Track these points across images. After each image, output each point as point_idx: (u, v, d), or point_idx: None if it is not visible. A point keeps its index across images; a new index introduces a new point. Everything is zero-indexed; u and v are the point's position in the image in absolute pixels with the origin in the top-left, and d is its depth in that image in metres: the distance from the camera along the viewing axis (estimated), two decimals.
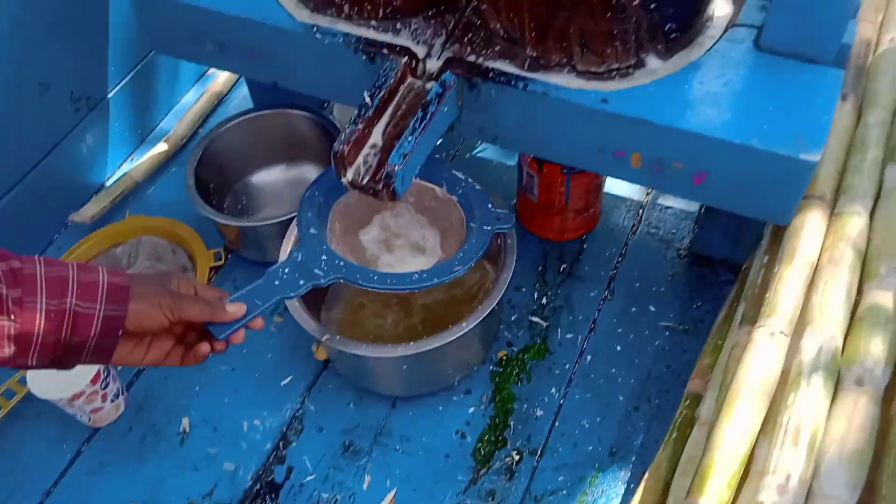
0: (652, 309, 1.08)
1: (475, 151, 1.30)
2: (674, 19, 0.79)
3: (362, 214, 1.01)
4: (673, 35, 0.81)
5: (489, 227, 0.91)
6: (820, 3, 0.74)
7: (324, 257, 0.88)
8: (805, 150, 0.73)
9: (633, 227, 1.18)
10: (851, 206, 0.79)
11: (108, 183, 1.31)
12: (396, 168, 0.79)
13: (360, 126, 0.82)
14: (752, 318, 0.78)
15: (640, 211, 1.19)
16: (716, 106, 0.77)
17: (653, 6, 0.76)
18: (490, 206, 0.93)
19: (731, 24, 0.84)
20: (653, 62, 0.82)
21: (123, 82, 1.29)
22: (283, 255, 0.98)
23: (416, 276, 0.88)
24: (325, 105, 1.28)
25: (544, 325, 1.09)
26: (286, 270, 0.85)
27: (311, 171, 1.26)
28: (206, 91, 1.40)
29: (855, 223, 0.77)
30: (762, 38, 0.80)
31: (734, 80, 0.79)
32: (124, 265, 1.15)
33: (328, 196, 0.96)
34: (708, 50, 0.82)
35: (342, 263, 0.88)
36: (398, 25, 0.91)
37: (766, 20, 0.79)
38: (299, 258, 0.87)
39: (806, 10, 0.75)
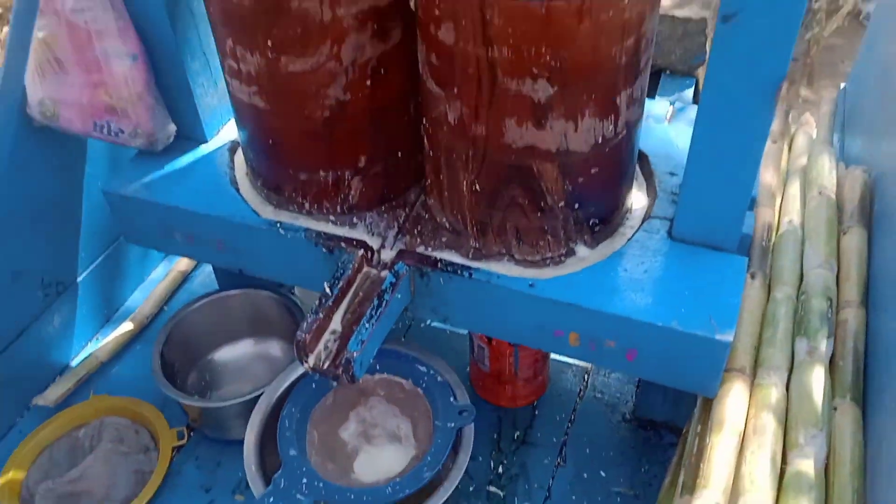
0: (603, 474, 1.12)
1: (429, 322, 1.37)
2: (596, 214, 0.90)
3: (339, 413, 1.09)
4: (597, 227, 0.91)
5: (453, 425, 0.99)
6: (718, 201, 0.85)
7: (304, 480, 0.95)
8: (719, 330, 0.82)
9: (579, 391, 1.24)
10: (769, 378, 0.87)
11: (73, 363, 1.34)
12: (355, 354, 0.86)
13: (321, 315, 0.89)
14: (690, 488, 0.83)
15: (586, 376, 1.26)
16: (639, 291, 0.86)
17: (576, 205, 0.87)
18: (452, 399, 1.01)
19: (648, 215, 0.95)
20: (582, 251, 0.92)
21: (93, 265, 1.35)
22: (248, 436, 1.02)
23: (390, 488, 0.94)
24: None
25: (501, 494, 1.11)
26: (271, 500, 0.93)
27: (274, 347, 1.31)
28: (172, 269, 1.47)
29: (773, 394, 0.85)
30: (674, 230, 0.91)
31: (653, 267, 0.88)
32: (86, 448, 1.16)
33: (304, 408, 1.04)
34: (629, 239, 0.93)
35: (321, 485, 0.95)
36: (354, 220, 1.00)
37: (676, 213, 0.90)
38: (282, 484, 0.94)
39: (707, 206, 0.86)
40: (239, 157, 1.11)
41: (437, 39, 0.77)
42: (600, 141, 0.82)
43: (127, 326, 1.37)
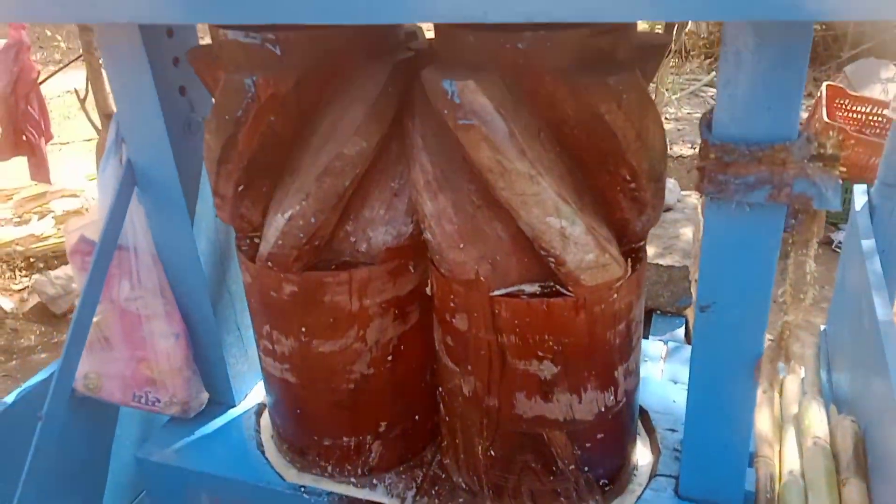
0: None
1: None
2: (605, 475, 0.95)
3: None
4: (607, 487, 0.96)
5: None
6: (718, 462, 0.91)
7: None
8: None
9: None
10: None
11: None
12: None
13: None
14: None
15: None
16: None
17: (586, 468, 0.93)
18: None
19: (654, 473, 1.00)
20: None
21: None
22: None
23: None
24: None
25: None
26: None
27: None
28: None
29: None
30: (680, 489, 0.95)
31: None
32: None
33: None
34: (639, 497, 0.97)
35: None
36: (374, 481, 1.05)
37: (680, 473, 0.95)
38: None
39: (708, 467, 0.92)
40: (265, 419, 1.18)
41: (453, 325, 0.88)
42: (603, 409, 0.89)
43: None
